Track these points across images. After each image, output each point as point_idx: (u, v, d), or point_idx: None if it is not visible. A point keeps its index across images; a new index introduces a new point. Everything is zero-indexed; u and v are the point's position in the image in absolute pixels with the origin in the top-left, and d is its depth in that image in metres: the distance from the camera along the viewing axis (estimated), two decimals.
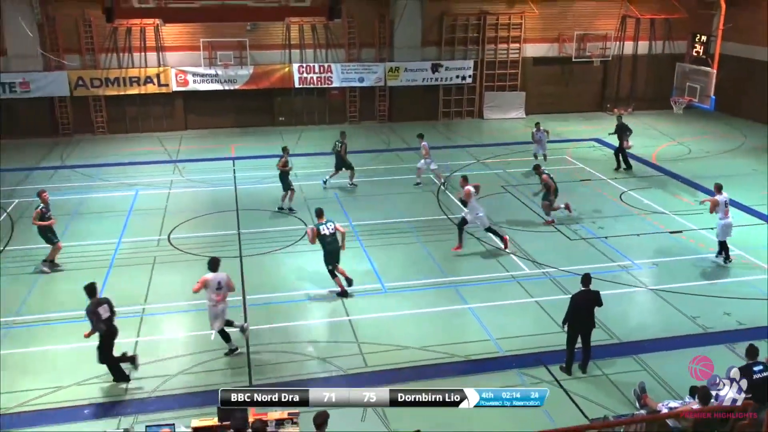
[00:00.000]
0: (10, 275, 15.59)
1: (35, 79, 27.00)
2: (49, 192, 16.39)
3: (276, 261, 16.30)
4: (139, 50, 28.10)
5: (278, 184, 19.58)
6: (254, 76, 28.65)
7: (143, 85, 28.13)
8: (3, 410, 10.88)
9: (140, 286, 14.97)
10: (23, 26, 26.15)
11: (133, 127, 28.78)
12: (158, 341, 12.95)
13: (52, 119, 28.07)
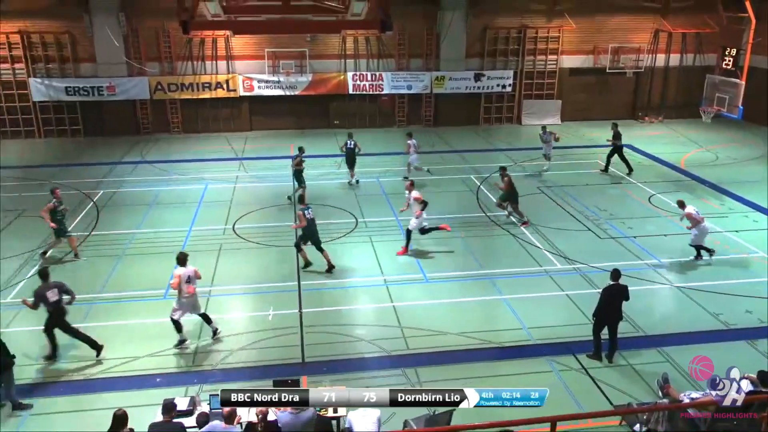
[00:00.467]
0: (96, 257, 16.08)
1: (120, 83, 27.70)
2: (130, 184, 16.79)
3: (329, 250, 16.38)
4: (211, 59, 28.59)
5: (332, 182, 19.71)
6: (313, 83, 28.86)
7: (214, 90, 28.62)
8: (88, 376, 11.25)
9: (208, 270, 15.23)
10: (111, 37, 26.87)
11: (204, 128, 29.32)
12: (222, 320, 13.17)
13: (134, 119, 28.79)
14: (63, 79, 27.55)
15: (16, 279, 14.83)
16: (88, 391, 10.86)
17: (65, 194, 17.66)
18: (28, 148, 26.64)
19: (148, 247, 16.65)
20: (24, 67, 27.28)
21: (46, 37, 27.32)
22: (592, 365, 11.50)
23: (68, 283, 12.10)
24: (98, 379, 11.16)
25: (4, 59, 27.15)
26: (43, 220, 15.80)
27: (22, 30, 26.95)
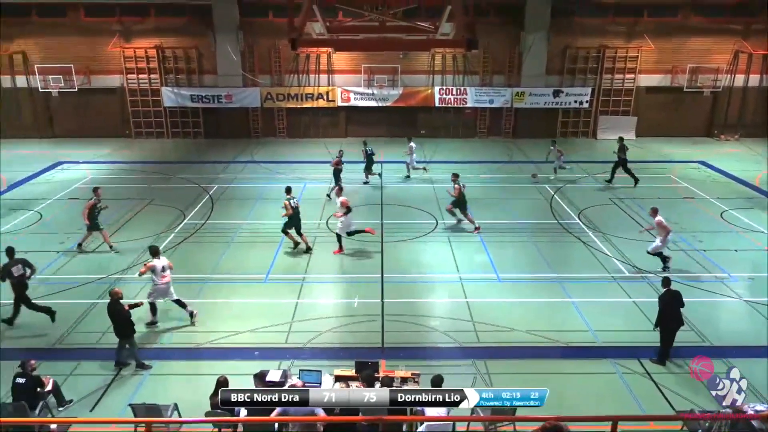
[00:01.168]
0: (210, 242, 16.85)
1: (236, 93, 28.87)
2: (240, 180, 17.45)
3: (410, 248, 16.44)
4: (314, 72, 29.27)
5: (415, 185, 19.70)
6: (403, 96, 28.99)
7: (315, 101, 29.29)
8: (198, 345, 11.81)
9: (302, 260, 15.63)
10: (230, 52, 28.06)
11: (305, 133, 30.07)
12: (313, 304, 13.46)
13: (247, 125, 29.92)
14: (189, 88, 29.04)
15: (142, 258, 15.77)
16: (197, 358, 11.39)
17: (187, 187, 18.63)
18: (158, 146, 28.25)
19: (253, 236, 17.26)
20: (158, 78, 28.96)
21: (177, 51, 28.88)
22: (656, 370, 10.93)
23: (185, 264, 12.73)
24: (206, 348, 11.68)
25: (142, 70, 28.94)
26: (140, 211, 16.38)
27: (158, 46, 28.63)
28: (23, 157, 25.93)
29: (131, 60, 28.72)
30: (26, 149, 27.54)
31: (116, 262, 15.41)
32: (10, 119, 29.40)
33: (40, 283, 14.07)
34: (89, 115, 29.57)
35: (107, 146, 27.91)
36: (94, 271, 14.87)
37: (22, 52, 28.57)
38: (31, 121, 29.61)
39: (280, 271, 14.91)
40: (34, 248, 16.19)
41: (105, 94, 29.27)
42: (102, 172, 23.65)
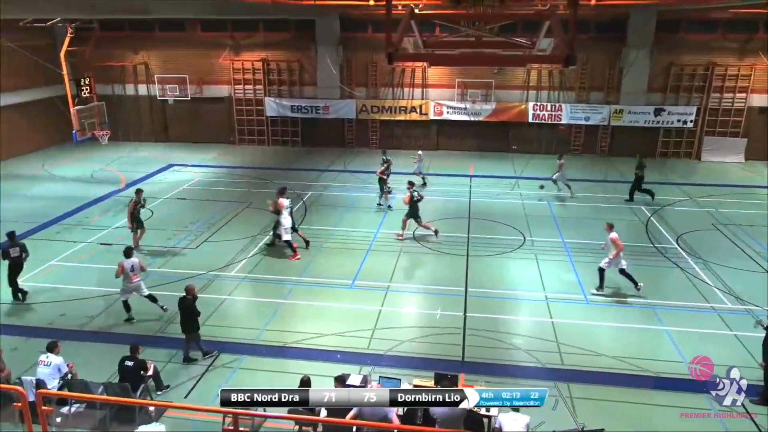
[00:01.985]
0: (302, 246, 17.31)
1: (333, 104, 29.64)
2: (333, 188, 17.86)
3: (495, 263, 16.13)
4: (409, 86, 29.53)
5: (505, 201, 19.34)
6: (496, 111, 28.59)
7: (408, 114, 29.51)
8: (285, 343, 12.15)
9: (388, 268, 15.72)
10: (330, 66, 28.88)
11: (397, 145, 30.30)
12: (396, 312, 13.49)
13: (341, 135, 30.64)
14: (290, 99, 30.16)
15: (239, 257, 16.49)
16: (284, 356, 11.71)
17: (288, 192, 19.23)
18: (258, 153, 29.53)
19: (343, 243, 17.59)
20: (262, 89, 30.33)
21: (281, 64, 30.12)
22: (758, 411, 10.01)
23: (278, 266, 13.17)
24: (292, 347, 11.99)
25: (248, 81, 30.42)
26: (241, 213, 17.05)
27: (263, 59, 30.02)
28: (141, 159, 27.97)
29: (239, 72, 30.28)
30: (144, 151, 29.69)
31: (215, 259, 16.20)
32: (133, 124, 31.84)
33: (147, 275, 15.07)
34: (199, 122, 31.45)
35: (213, 151, 29.53)
36: (195, 267, 15.71)
37: (145, 63, 30.90)
38: (149, 126, 31.91)
39: (366, 278, 15.08)
40: (144, 242, 17.40)
41: (214, 103, 31.02)
42: (207, 175, 25.03)
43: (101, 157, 27.81)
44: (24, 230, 18.05)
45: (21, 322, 12.94)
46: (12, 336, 12.26)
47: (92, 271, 15.60)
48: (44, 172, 25.47)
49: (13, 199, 21.55)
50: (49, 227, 18.61)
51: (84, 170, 25.72)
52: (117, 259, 16.25)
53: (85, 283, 14.89)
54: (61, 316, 13.21)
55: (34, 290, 14.36)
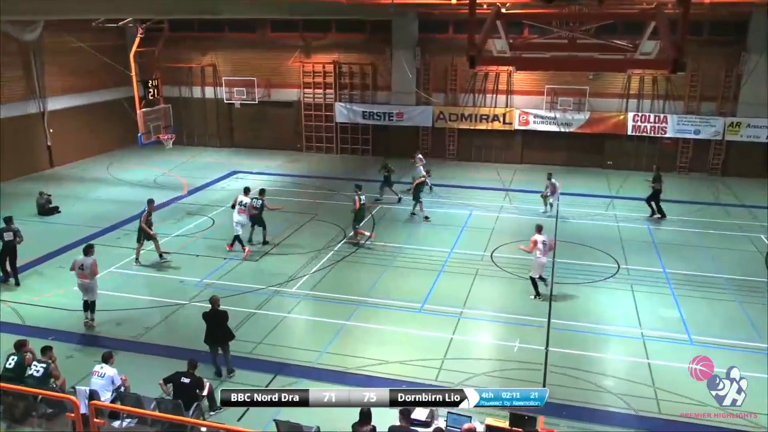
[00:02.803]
0: (368, 263, 17.49)
1: (408, 111, 29.88)
2: (404, 202, 17.89)
3: (584, 292, 15.65)
4: (492, 92, 29.34)
5: (598, 223, 18.80)
6: (589, 121, 27.90)
7: (490, 122, 29.30)
8: (345, 369, 12.23)
9: (462, 292, 15.57)
10: (406, 69, 29.18)
11: (476, 156, 30.15)
12: (469, 342, 13.32)
13: (416, 144, 30.66)
14: (362, 104, 30.68)
15: (301, 272, 16.83)
16: (344, 382, 11.76)
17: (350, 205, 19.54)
18: (326, 161, 30.14)
19: (412, 261, 17.59)
20: (333, 93, 31.05)
21: (353, 67, 30.75)
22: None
23: (341, 284, 13.32)
24: (354, 374, 12.05)
25: (318, 85, 31.21)
26: None
27: (335, 61, 30.73)
28: (205, 164, 29.21)
29: (309, 75, 31.13)
30: (208, 157, 30.99)
31: (276, 274, 16.61)
32: (198, 128, 33.35)
33: (205, 287, 15.64)
34: (266, 127, 32.52)
35: (279, 158, 30.41)
36: (255, 281, 16.16)
37: (213, 64, 32.38)
38: (214, 130, 33.32)
39: (437, 302, 15.00)
40: (203, 251, 18.09)
41: (282, 108, 32.01)
42: (272, 183, 25.76)
43: (165, 162, 29.25)
44: (85, 234, 19.20)
45: (77, 329, 13.72)
46: (68, 343, 13.02)
47: (151, 280, 16.35)
48: (108, 176, 27.06)
49: (78, 202, 23.00)
50: (111, 232, 19.71)
51: (147, 174, 27.13)
52: (177, 269, 17.07)
53: (143, 292, 15.62)
54: (118, 325, 13.91)
55: None
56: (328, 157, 31.08)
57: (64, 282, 15.82)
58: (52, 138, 28.00)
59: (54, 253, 17.86)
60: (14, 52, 26.06)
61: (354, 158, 30.85)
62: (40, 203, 21.49)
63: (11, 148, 25.96)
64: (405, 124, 30.10)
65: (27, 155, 27.12)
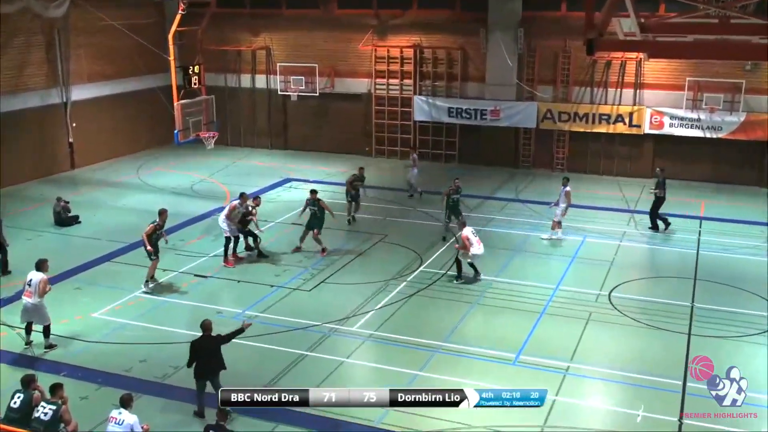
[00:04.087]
0: (449, 300, 17.40)
1: (506, 108, 29.76)
2: (497, 223, 17.79)
3: (731, 348, 15.04)
4: (615, 86, 28.85)
5: (752, 257, 18.10)
6: (745, 125, 26.98)
7: (612, 124, 28.77)
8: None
9: (569, 341, 15.25)
10: (505, 55, 29.09)
11: (592, 167, 29.62)
12: (577, 406, 13.01)
13: (515, 150, 30.57)
14: (447, 99, 30.82)
15: (365, 307, 16.92)
16: None
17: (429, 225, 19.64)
18: (400, 169, 30.30)
19: (506, 299, 17.39)
20: (412, 84, 31.33)
21: (438, 52, 30.98)
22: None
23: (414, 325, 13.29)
24: None
25: (394, 74, 31.57)
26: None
27: (416, 45, 31.03)
28: (252, 169, 30.04)
29: (383, 61, 31.59)
30: (256, 160, 31.84)
31: (334, 308, 16.78)
32: (246, 125, 34.35)
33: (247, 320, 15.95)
34: (328, 125, 33.17)
35: (343, 164, 30.84)
36: (307, 316, 16.37)
37: (266, 47, 33.38)
38: (264, 128, 34.24)
39: (536, 352, 14.77)
40: (246, 276, 18.51)
41: (348, 101, 32.57)
42: (333, 194, 26.11)
43: (204, 165, 30.25)
44: (107, 250, 20.06)
45: (95, 364, 14.29)
46: (83, 381, 13.58)
47: (182, 308, 16.86)
48: (138, 180, 28.21)
49: (101, 211, 24.06)
50: (137, 249, 20.44)
51: (183, 180, 28.11)
52: (213, 295, 17.53)
53: (173, 322, 16.12)
54: (141, 362, 14.39)
55: (113, 326, 15.83)
56: (403, 164, 31.23)
57: (83, 307, 16.56)
58: (75, 134, 29.50)
59: (71, 271, 18.73)
60: (36, 30, 27.75)
61: (435, 166, 30.94)
62: (57, 211, 22.59)
63: (28, 145, 27.56)
64: (501, 125, 30.01)
65: (46, 153, 28.70)
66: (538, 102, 29.50)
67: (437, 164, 31.22)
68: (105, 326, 15.87)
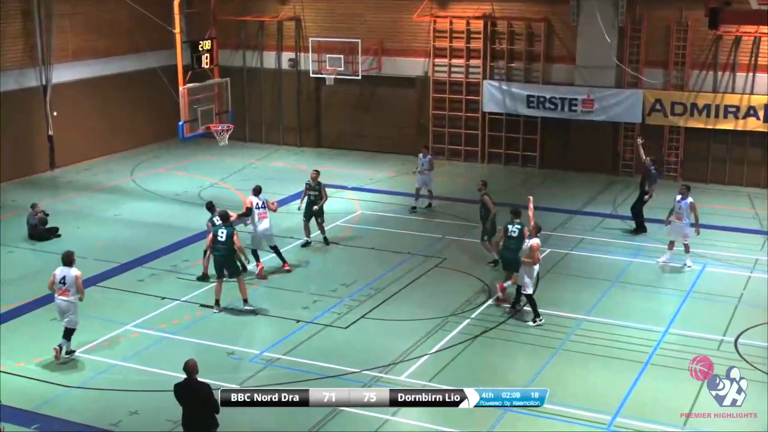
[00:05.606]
0: (521, 342, 17.26)
1: (602, 97, 29.59)
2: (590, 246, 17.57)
3: None
4: (746, 69, 28.44)
5: None
6: None
7: (741, 119, 28.34)
8: None
9: (682, 401, 14.96)
10: (602, 29, 28.83)
11: (715, 176, 29.19)
12: None
13: (612, 151, 30.28)
14: (526, 84, 30.79)
15: (416, 351, 16.84)
16: None
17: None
18: (465, 174, 30.25)
19: (598, 345, 17.16)
20: (480, 66, 31.30)
21: (515, 25, 30.94)
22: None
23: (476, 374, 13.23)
24: None
25: (458, 53, 31.57)
26: None
27: (487, 15, 31.04)
28: (276, 172, 30.30)
29: (443, 37, 31.67)
30: (282, 160, 32.14)
31: (377, 349, 16.76)
32: (269, 116, 34.68)
33: (266, 364, 16.03)
34: (372, 117, 33.40)
35: (390, 167, 30.91)
36: (342, 360, 16.34)
37: (296, 18, 33.74)
38: (293, 120, 34.53)
39: (637, 415, 14.59)
40: (266, 307, 18.56)
41: (398, 87, 32.75)
42: (377, 206, 26.20)
43: (216, 166, 30.60)
44: (93, 272, 20.27)
45: (74, 415, 14.40)
46: None
47: (184, 346, 16.96)
48: (132, 184, 28.59)
49: (86, 222, 24.40)
50: (130, 270, 20.71)
51: (189, 184, 28.46)
52: (223, 331, 17.61)
53: (172, 364, 16.19)
54: (132, 414, 14.49)
55: (99, 367, 16.00)
56: (469, 168, 31.23)
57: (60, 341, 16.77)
58: (56, 125, 30.05)
59: (48, 297, 18.93)
60: None
61: (509, 171, 30.85)
62: (32, 223, 22.95)
63: None
64: (596, 119, 29.86)
65: (19, 150, 29.17)
66: (644, 90, 29.26)
67: (513, 168, 31.12)
68: (89, 367, 16.01)
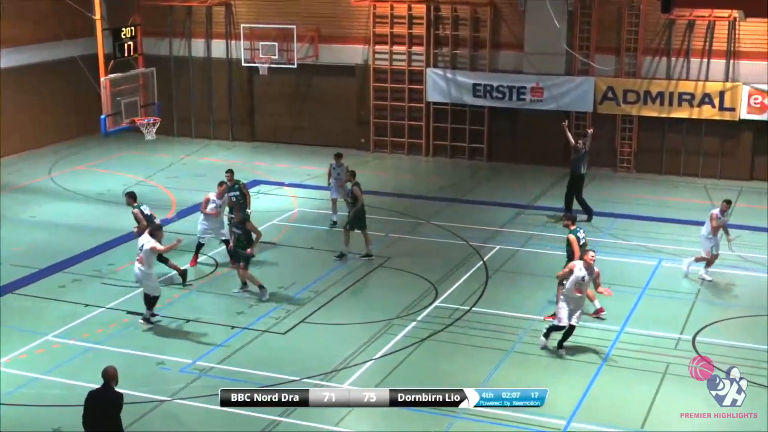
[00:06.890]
0: (474, 345, 17.29)
1: (552, 85, 29.85)
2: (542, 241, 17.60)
3: None
4: (700, 55, 28.87)
5: None
6: None
7: (696, 107, 28.73)
8: None
9: (638, 402, 15.14)
10: (551, 14, 28.87)
11: (669, 167, 29.58)
12: None
13: (563, 142, 30.37)
14: (472, 72, 30.94)
15: (358, 356, 16.79)
16: None
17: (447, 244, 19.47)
18: (408, 168, 30.30)
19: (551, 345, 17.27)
20: (423, 52, 31.35)
21: (459, 10, 31.05)
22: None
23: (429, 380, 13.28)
24: None
25: (399, 39, 31.59)
26: None
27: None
28: (207, 168, 29.99)
29: (383, 21, 31.71)
30: (214, 156, 31.87)
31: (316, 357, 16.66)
32: (199, 108, 34.39)
33: (199, 374, 15.84)
34: (309, 109, 33.27)
35: (328, 162, 30.71)
36: (279, 368, 16.23)
37: (226, 3, 33.45)
38: (224, 113, 34.32)
39: (593, 419, 14.68)
40: (198, 314, 18.37)
41: (336, 76, 32.71)
42: (315, 203, 26.08)
43: (142, 162, 30.25)
44: (9, 279, 19.90)
45: None
46: None
47: (110, 357, 16.67)
48: (50, 182, 28.13)
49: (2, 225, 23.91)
50: (50, 276, 20.35)
51: (112, 182, 28.08)
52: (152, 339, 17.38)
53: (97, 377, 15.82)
54: None
55: (16, 382, 15.67)
56: (412, 162, 31.28)
57: None
58: None
59: None
60: None
61: (455, 164, 30.93)
62: None
63: None
64: (546, 108, 30.09)
65: None
66: (595, 77, 29.54)
67: (460, 162, 31.18)
68: (5, 382, 15.65)
